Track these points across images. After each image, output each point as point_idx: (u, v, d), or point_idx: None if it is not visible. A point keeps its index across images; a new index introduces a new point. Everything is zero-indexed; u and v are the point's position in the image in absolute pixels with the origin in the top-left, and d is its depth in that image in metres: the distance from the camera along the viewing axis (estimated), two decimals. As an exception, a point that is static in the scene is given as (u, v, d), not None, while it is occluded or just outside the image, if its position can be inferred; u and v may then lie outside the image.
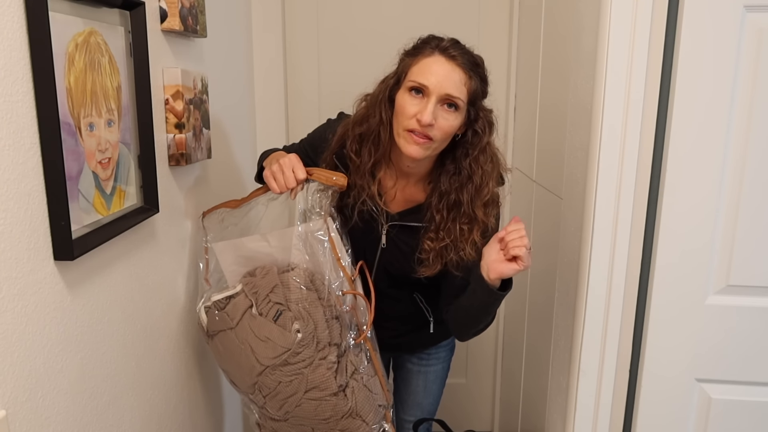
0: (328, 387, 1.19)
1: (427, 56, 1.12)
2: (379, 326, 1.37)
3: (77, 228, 0.85)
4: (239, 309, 1.23)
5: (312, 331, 1.18)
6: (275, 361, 1.19)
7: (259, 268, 1.26)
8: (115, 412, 1.01)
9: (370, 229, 1.28)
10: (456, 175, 1.19)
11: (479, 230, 1.19)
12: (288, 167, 1.14)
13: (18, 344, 0.75)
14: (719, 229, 1.13)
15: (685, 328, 1.17)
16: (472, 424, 2.37)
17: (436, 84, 1.10)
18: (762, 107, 1.07)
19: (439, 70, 1.10)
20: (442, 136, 1.13)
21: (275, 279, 1.21)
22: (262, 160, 1.33)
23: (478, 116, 1.17)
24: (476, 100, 1.15)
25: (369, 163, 1.21)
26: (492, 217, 1.21)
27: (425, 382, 1.54)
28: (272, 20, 1.99)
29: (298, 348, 1.17)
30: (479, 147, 1.18)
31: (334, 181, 1.17)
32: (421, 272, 1.23)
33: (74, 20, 0.84)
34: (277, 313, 1.18)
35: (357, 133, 1.22)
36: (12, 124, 0.72)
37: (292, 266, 1.23)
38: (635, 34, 1.08)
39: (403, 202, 1.28)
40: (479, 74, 1.15)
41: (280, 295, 1.19)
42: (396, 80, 1.17)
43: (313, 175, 1.16)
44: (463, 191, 1.18)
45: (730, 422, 1.21)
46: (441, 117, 1.11)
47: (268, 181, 1.17)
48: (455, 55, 1.11)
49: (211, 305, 1.27)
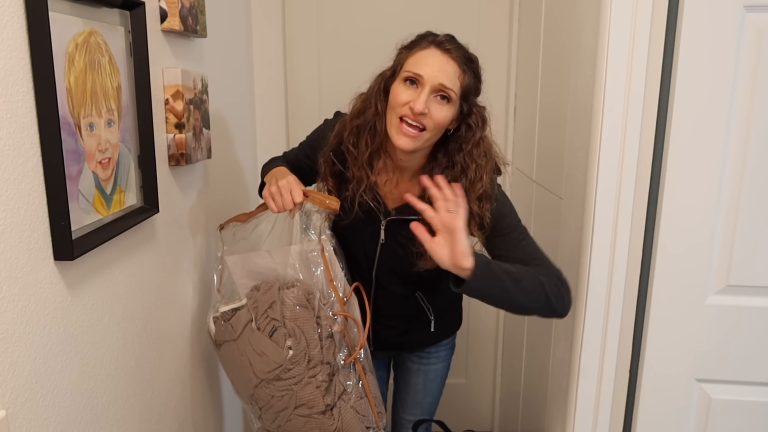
0: (316, 405, 1.22)
1: (422, 49, 1.15)
2: (380, 325, 1.37)
3: (77, 228, 0.85)
4: (241, 322, 1.26)
5: (304, 348, 1.20)
6: (269, 376, 1.22)
7: (263, 283, 1.29)
8: (115, 412, 1.01)
9: (369, 222, 1.29)
10: (449, 169, 1.20)
11: (476, 224, 1.19)
12: (286, 190, 1.18)
13: (18, 344, 0.75)
14: (719, 228, 1.13)
15: (685, 328, 1.17)
16: (472, 424, 2.37)
17: (430, 74, 1.11)
18: (762, 107, 1.07)
19: (433, 61, 1.12)
20: (434, 126, 1.14)
21: (275, 295, 1.24)
22: (265, 171, 1.35)
23: (471, 111, 1.18)
24: (469, 95, 1.17)
25: (366, 154, 1.22)
26: (487, 211, 1.21)
27: (425, 381, 1.54)
28: (272, 20, 1.99)
29: (290, 365, 1.20)
30: (473, 141, 1.19)
31: (327, 204, 1.20)
32: (421, 265, 1.23)
33: (74, 20, 0.84)
34: (273, 329, 1.22)
35: (354, 125, 1.23)
36: (12, 124, 0.72)
37: (293, 283, 1.26)
38: (635, 34, 1.08)
39: (399, 198, 1.29)
40: (473, 70, 1.16)
41: (277, 311, 1.22)
42: (392, 72, 1.19)
43: (309, 198, 1.20)
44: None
45: (730, 422, 1.21)
46: (433, 107, 1.13)
47: (267, 201, 1.20)
48: (450, 49, 1.13)
49: (219, 315, 1.31)
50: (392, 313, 1.39)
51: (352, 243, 1.34)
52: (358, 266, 1.36)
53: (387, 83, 1.19)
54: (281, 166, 1.32)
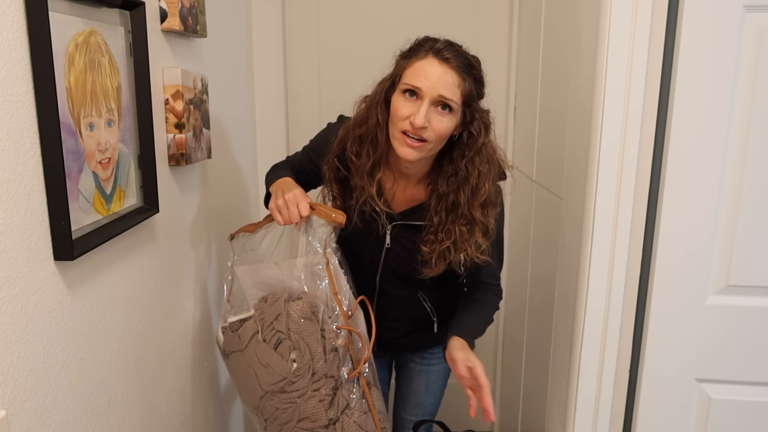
0: (319, 419, 1.22)
1: (420, 59, 1.13)
2: (383, 326, 1.37)
3: (77, 228, 0.85)
4: (248, 333, 1.26)
5: (308, 361, 1.20)
6: (273, 388, 1.22)
7: (270, 295, 1.29)
8: (115, 412, 1.01)
9: (373, 230, 1.29)
10: (453, 177, 1.20)
11: (480, 231, 1.21)
12: (293, 203, 1.18)
13: (18, 344, 0.75)
14: (719, 228, 1.13)
15: (685, 327, 1.17)
16: (472, 424, 2.36)
17: (428, 86, 1.11)
18: (762, 107, 1.07)
19: (432, 72, 1.11)
20: (437, 137, 1.14)
21: (281, 307, 1.23)
22: (269, 180, 1.34)
23: (474, 117, 1.18)
24: (471, 101, 1.16)
25: (368, 165, 1.22)
26: (491, 218, 1.22)
27: (427, 381, 1.54)
28: (272, 20, 1.99)
29: (293, 377, 1.20)
30: (474, 148, 1.19)
31: (333, 218, 1.20)
32: (425, 273, 1.24)
33: (74, 20, 0.84)
34: (278, 341, 1.21)
35: (357, 134, 1.23)
36: (12, 124, 0.72)
37: (300, 295, 1.26)
38: (635, 34, 1.08)
39: (405, 202, 1.29)
40: (474, 75, 1.15)
41: (283, 323, 1.22)
42: (391, 82, 1.19)
43: (315, 211, 1.20)
44: (460, 192, 1.20)
45: (730, 422, 1.21)
46: (434, 119, 1.12)
47: (273, 214, 1.20)
48: (449, 58, 1.12)
49: (227, 326, 1.31)
50: (396, 315, 1.39)
51: (357, 247, 1.34)
52: (362, 271, 1.36)
53: (387, 93, 1.19)
54: (286, 177, 1.31)
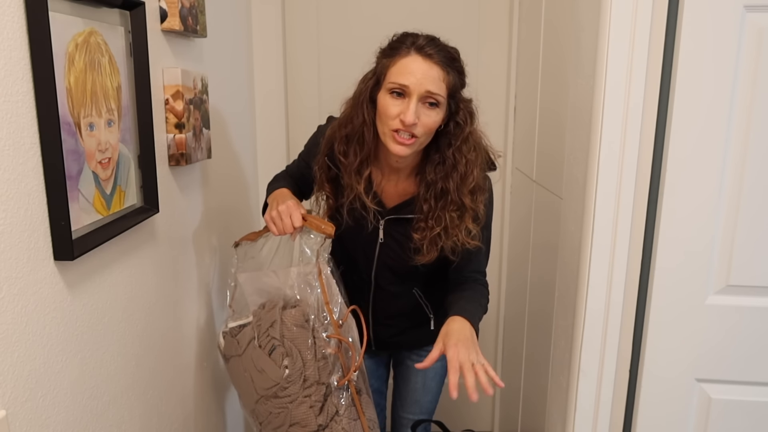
0: (308, 425, 1.25)
1: (404, 56, 1.15)
2: (380, 324, 1.38)
3: (77, 228, 0.85)
4: (246, 338, 1.30)
5: (300, 368, 1.23)
6: (267, 393, 1.26)
7: (268, 302, 1.32)
8: (115, 412, 1.01)
9: (365, 227, 1.30)
10: (441, 165, 1.23)
11: (470, 217, 1.23)
12: (286, 214, 1.21)
13: (18, 344, 0.75)
14: (719, 228, 1.13)
15: (685, 328, 1.17)
16: (472, 424, 2.37)
17: (415, 83, 1.12)
18: (762, 107, 1.07)
19: (417, 69, 1.13)
20: (426, 131, 1.17)
21: (276, 315, 1.27)
22: (270, 190, 1.37)
23: (459, 108, 1.20)
24: (455, 92, 1.19)
25: (355, 163, 1.24)
26: (481, 203, 1.24)
27: (424, 379, 1.54)
28: (272, 20, 1.99)
29: (285, 383, 1.24)
30: (461, 137, 1.21)
31: (323, 229, 1.24)
32: (418, 260, 1.26)
33: (74, 20, 0.84)
34: (272, 348, 1.26)
35: (343, 134, 1.25)
36: (12, 124, 0.72)
37: (295, 303, 1.29)
38: (635, 34, 1.08)
39: (396, 197, 1.30)
40: (456, 68, 1.17)
41: (277, 330, 1.25)
42: (375, 81, 1.20)
43: (306, 222, 1.24)
44: (448, 180, 1.22)
45: (730, 422, 1.21)
46: (423, 114, 1.15)
47: (268, 225, 1.24)
48: (432, 54, 1.13)
49: (227, 330, 1.36)
50: (392, 312, 1.40)
51: (351, 245, 1.35)
52: (357, 268, 1.37)
53: (372, 92, 1.20)
54: (283, 188, 1.34)
